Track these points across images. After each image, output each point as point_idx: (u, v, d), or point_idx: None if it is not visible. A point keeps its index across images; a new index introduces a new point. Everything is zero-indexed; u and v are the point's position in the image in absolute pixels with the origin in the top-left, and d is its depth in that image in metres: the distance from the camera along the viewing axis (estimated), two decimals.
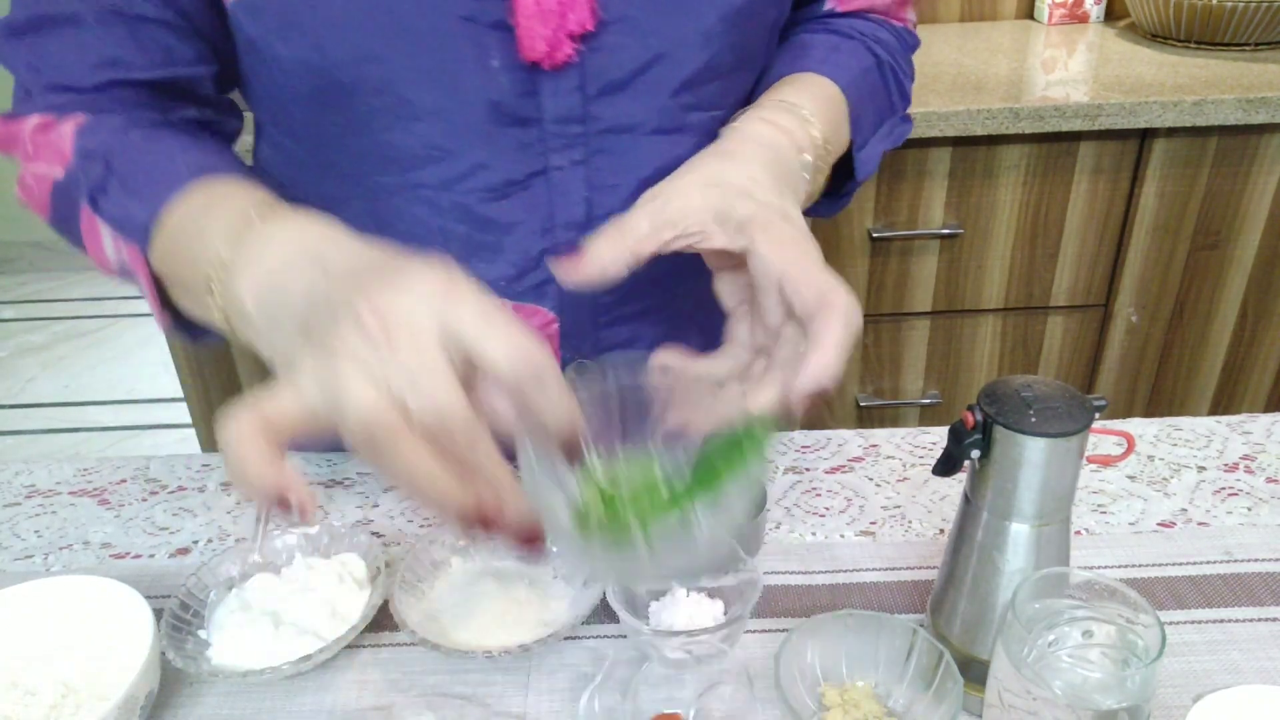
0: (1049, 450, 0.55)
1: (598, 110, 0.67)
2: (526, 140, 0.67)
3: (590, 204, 0.71)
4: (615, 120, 0.68)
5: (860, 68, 0.75)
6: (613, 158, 0.70)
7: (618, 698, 0.61)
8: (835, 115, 0.71)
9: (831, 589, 0.73)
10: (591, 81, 0.66)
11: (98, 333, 3.25)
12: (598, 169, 0.70)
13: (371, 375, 0.41)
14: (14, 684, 0.63)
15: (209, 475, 0.88)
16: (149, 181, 0.61)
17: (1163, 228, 1.63)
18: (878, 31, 0.80)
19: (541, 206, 0.70)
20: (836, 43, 0.76)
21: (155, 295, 0.63)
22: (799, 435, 0.90)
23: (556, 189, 0.70)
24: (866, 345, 1.75)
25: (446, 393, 0.42)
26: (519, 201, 0.70)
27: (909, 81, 0.82)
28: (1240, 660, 0.66)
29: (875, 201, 1.61)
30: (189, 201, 0.59)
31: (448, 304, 0.43)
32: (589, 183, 0.70)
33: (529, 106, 0.66)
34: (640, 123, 0.69)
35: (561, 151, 0.68)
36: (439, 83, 0.64)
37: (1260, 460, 0.85)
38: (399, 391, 0.41)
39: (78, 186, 0.64)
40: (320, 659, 0.65)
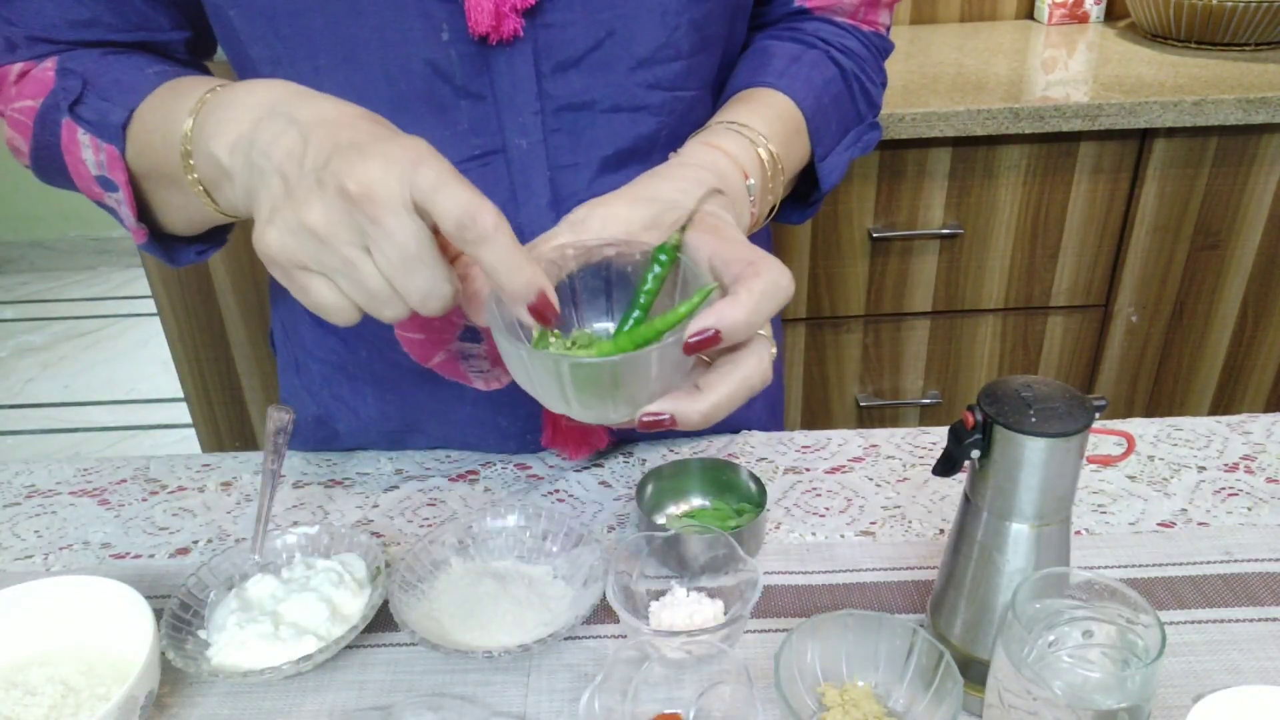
0: (1049, 450, 0.55)
1: (553, 87, 0.68)
2: (482, 116, 0.68)
3: (555, 183, 0.71)
4: (571, 97, 0.68)
5: (822, 79, 0.75)
6: (572, 136, 0.70)
7: (618, 698, 0.61)
8: (789, 131, 0.71)
9: (831, 589, 0.73)
10: (544, 58, 0.67)
11: (97, 333, 3.25)
12: (557, 147, 0.70)
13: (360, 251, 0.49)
14: (14, 684, 0.63)
15: (209, 475, 0.88)
16: (122, 87, 0.66)
17: (1163, 228, 1.63)
18: (844, 39, 0.79)
19: (503, 184, 0.71)
20: (798, 52, 0.76)
21: (133, 202, 0.68)
22: (799, 435, 0.90)
23: (516, 167, 0.70)
24: (866, 345, 1.75)
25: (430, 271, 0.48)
26: (477, 178, 0.70)
27: (878, 89, 0.81)
28: (1240, 660, 0.66)
29: (875, 201, 1.61)
30: (158, 94, 0.64)
31: (414, 170, 0.48)
32: (550, 161, 0.70)
33: (482, 82, 0.67)
34: (597, 99, 0.69)
35: (518, 129, 0.69)
36: (389, 50, 0.65)
37: (1260, 460, 0.85)
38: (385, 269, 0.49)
39: (58, 105, 0.68)
40: (320, 659, 0.65)
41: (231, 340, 1.85)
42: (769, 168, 0.67)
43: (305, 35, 0.65)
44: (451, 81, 0.67)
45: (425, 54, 0.65)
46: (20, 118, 0.71)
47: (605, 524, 0.81)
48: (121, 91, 0.66)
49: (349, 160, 0.48)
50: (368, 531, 0.77)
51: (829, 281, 1.68)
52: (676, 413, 0.53)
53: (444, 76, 0.66)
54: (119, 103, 0.65)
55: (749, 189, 0.65)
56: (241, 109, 0.55)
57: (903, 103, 1.50)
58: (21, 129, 0.72)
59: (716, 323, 0.51)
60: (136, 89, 0.66)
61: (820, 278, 1.68)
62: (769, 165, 0.67)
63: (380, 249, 0.48)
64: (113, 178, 0.67)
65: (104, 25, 0.70)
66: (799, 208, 0.81)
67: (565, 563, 0.74)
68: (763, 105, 0.71)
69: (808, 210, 0.81)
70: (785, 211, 0.81)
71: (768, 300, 0.52)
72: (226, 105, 0.56)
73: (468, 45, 0.66)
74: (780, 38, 0.78)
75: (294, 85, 0.56)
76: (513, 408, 0.83)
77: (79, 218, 3.56)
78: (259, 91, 0.55)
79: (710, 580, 0.70)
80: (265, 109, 0.53)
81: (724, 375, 0.53)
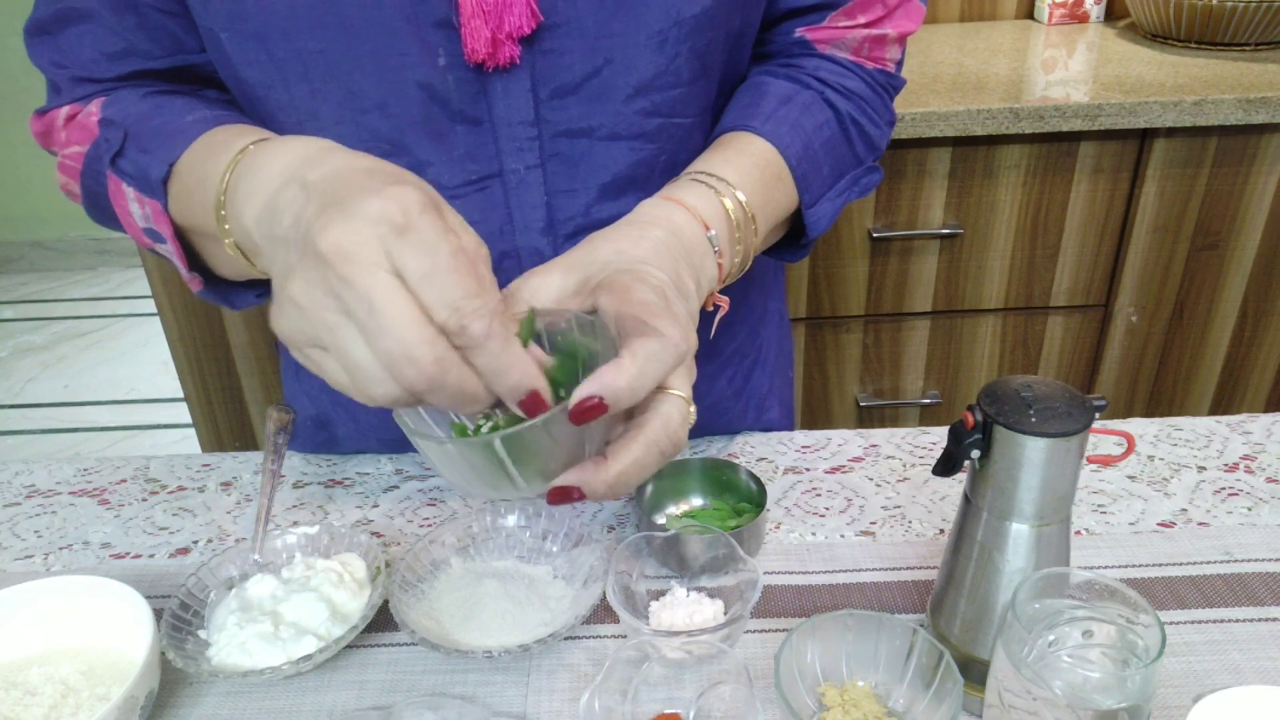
0: (1049, 450, 0.55)
1: (550, 114, 0.68)
2: (479, 140, 0.68)
3: (551, 208, 0.71)
4: (569, 124, 0.68)
5: (813, 124, 0.73)
6: (569, 162, 0.70)
7: (618, 698, 0.61)
8: (767, 179, 0.69)
9: (831, 589, 0.73)
10: (542, 84, 0.66)
11: (97, 333, 3.25)
12: (554, 173, 0.70)
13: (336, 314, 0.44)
14: (14, 684, 0.63)
15: (209, 475, 0.88)
16: (162, 138, 0.65)
17: (1163, 228, 1.63)
18: (844, 79, 0.76)
19: (499, 209, 0.71)
20: (790, 93, 0.73)
21: (182, 254, 0.66)
22: (799, 435, 0.90)
23: (513, 192, 0.70)
24: (867, 345, 1.75)
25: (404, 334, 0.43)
26: (474, 202, 0.70)
27: (881, 129, 0.78)
28: (1240, 660, 0.66)
29: (875, 201, 1.61)
30: (196, 149, 0.62)
31: (399, 240, 0.44)
32: (547, 187, 0.70)
33: (479, 107, 0.67)
34: (595, 127, 0.69)
35: (515, 155, 0.69)
36: (385, 76, 0.65)
37: (1260, 460, 0.85)
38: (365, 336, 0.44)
39: (100, 157, 0.68)
40: (320, 659, 0.65)
41: (231, 340, 1.85)
42: (734, 217, 0.64)
43: (299, 58, 0.64)
44: (448, 107, 0.66)
45: (421, 79, 0.65)
46: (70, 163, 0.72)
47: (605, 524, 0.81)
48: (161, 143, 0.65)
49: (328, 219, 0.44)
50: (368, 531, 0.77)
51: (829, 281, 1.68)
52: (582, 484, 0.50)
53: (440, 102, 0.66)
54: (159, 156, 0.64)
55: (710, 240, 0.62)
56: (266, 176, 0.51)
57: (903, 103, 1.50)
58: (71, 174, 0.72)
59: (599, 389, 0.48)
60: (176, 140, 0.64)
61: (820, 278, 1.68)
62: (735, 214, 0.65)
63: (355, 313, 0.44)
64: (159, 230, 0.66)
65: (140, 54, 0.70)
66: (791, 249, 0.78)
67: (565, 563, 0.74)
68: (738, 153, 0.69)
69: (800, 252, 0.78)
70: (777, 252, 0.79)
71: (654, 363, 0.49)
72: (254, 171, 0.53)
73: (464, 71, 0.65)
74: (775, 75, 0.75)
75: (319, 142, 0.52)
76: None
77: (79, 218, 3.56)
78: (284, 154, 0.52)
79: (710, 580, 0.70)
80: (286, 174, 0.50)
81: (628, 441, 0.50)
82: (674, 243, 0.59)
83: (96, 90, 0.71)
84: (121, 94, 0.70)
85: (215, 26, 0.65)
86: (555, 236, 0.72)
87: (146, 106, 0.69)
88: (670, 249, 0.58)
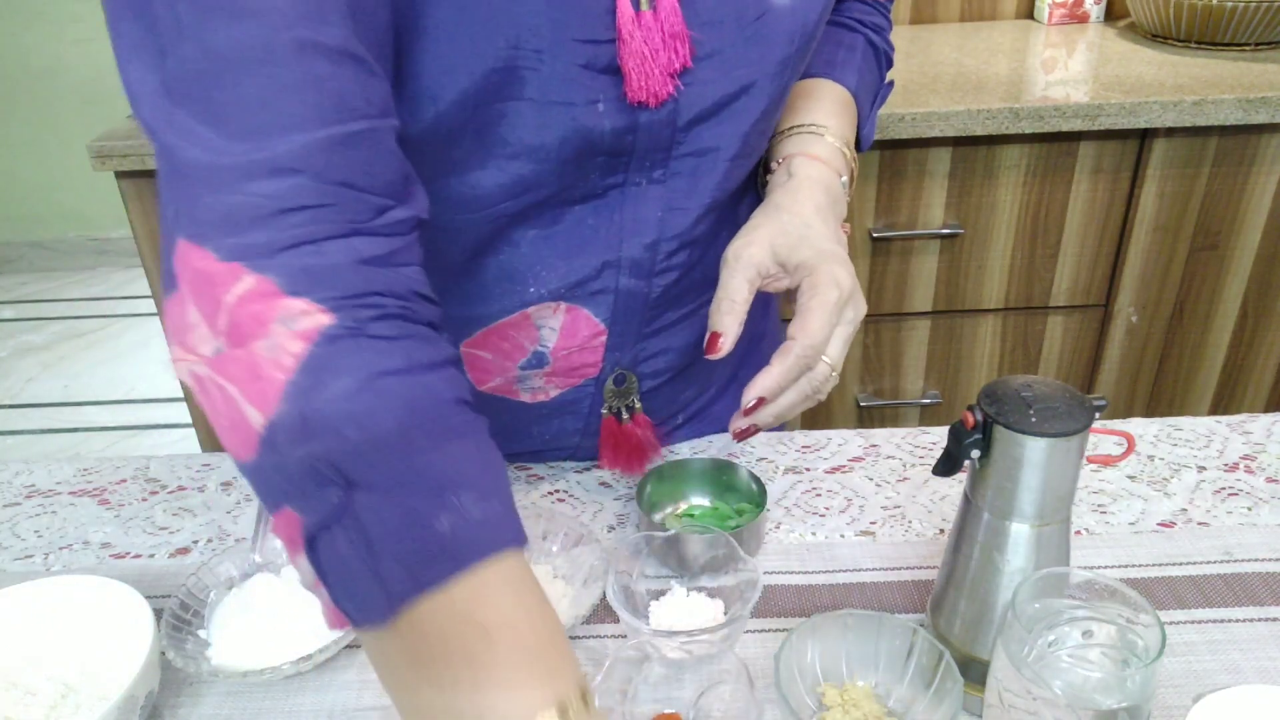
0: (1049, 450, 0.55)
1: (684, 138, 0.68)
2: (614, 165, 0.68)
3: (663, 223, 0.72)
4: (698, 146, 0.69)
5: (864, 61, 0.82)
6: (690, 180, 0.71)
7: (618, 698, 0.61)
8: (850, 120, 0.79)
9: (831, 589, 0.73)
10: (683, 114, 0.67)
11: (97, 333, 3.25)
12: (674, 190, 0.71)
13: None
14: (14, 684, 0.63)
15: (209, 475, 0.88)
16: (403, 558, 0.43)
17: (1163, 228, 1.63)
18: (874, 18, 0.85)
19: (614, 219, 0.70)
20: (840, 36, 0.82)
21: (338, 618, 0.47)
22: (799, 435, 0.90)
23: (630, 205, 0.70)
24: (867, 345, 1.75)
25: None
26: (591, 208, 0.70)
27: (893, 51, 0.88)
28: (1240, 660, 0.66)
29: (875, 201, 1.61)
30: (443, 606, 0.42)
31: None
32: (665, 203, 0.71)
33: (625, 142, 0.66)
34: (721, 148, 0.70)
35: (642, 171, 0.69)
36: (544, 124, 0.62)
37: (1260, 460, 0.85)
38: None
39: (284, 501, 0.46)
40: (320, 659, 0.65)
41: None
42: (848, 158, 0.76)
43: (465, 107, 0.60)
44: (598, 147, 0.65)
45: (579, 127, 0.63)
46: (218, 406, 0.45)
47: (605, 524, 0.81)
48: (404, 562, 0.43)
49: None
50: None
51: None
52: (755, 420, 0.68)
53: (593, 143, 0.65)
54: (395, 588, 0.42)
55: (844, 185, 0.75)
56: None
57: (903, 103, 1.50)
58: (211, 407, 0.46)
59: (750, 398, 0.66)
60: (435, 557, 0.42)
61: None
62: (848, 156, 0.76)
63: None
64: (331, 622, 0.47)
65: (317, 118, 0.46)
66: None
67: (565, 563, 0.74)
68: (828, 100, 0.78)
69: None
70: None
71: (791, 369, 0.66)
72: None
73: (621, 114, 0.64)
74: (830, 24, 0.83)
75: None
76: (551, 419, 0.82)
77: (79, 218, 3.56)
78: None
79: (710, 580, 0.70)
80: None
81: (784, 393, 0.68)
82: (827, 202, 0.72)
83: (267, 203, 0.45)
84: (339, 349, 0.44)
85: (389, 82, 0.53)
86: (658, 252, 0.73)
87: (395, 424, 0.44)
88: (829, 210, 0.72)
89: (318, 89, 0.46)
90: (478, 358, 0.76)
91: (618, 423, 0.81)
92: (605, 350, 0.76)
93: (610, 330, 0.75)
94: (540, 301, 0.73)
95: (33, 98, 3.25)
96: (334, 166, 0.46)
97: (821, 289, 0.67)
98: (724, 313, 0.67)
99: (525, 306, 0.73)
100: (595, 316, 0.74)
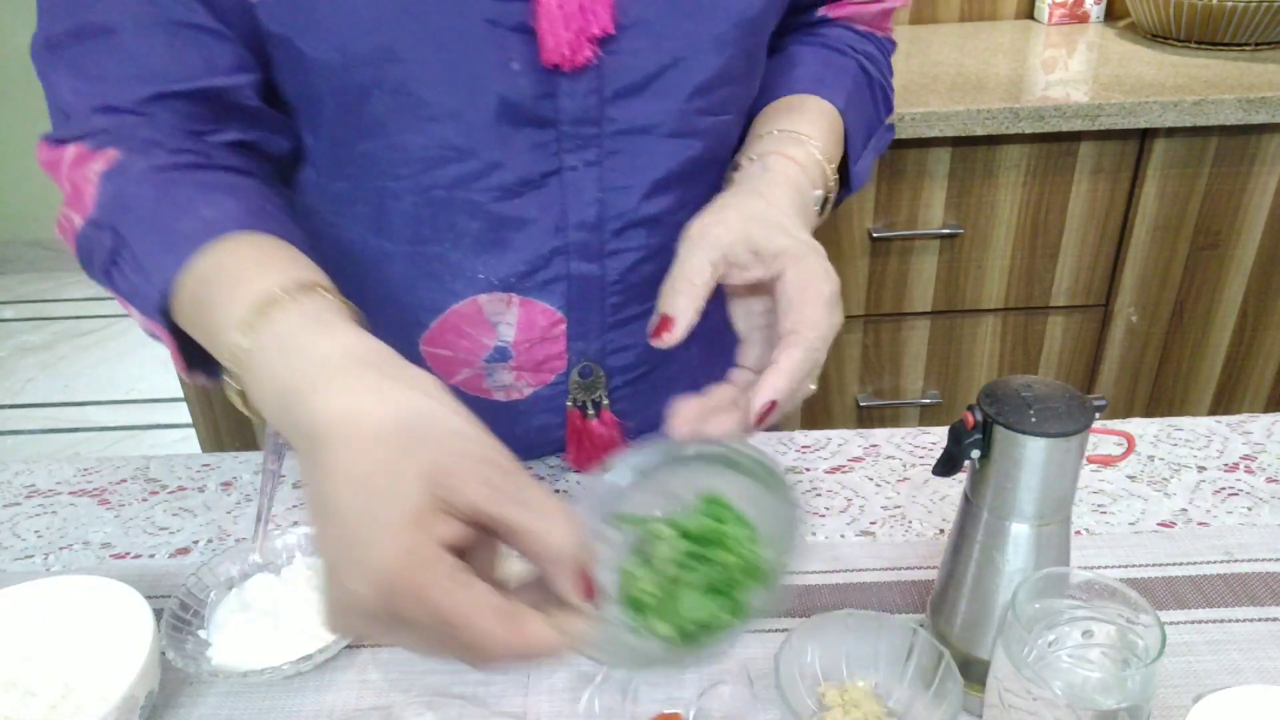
0: (1049, 450, 0.55)
1: (613, 112, 0.68)
2: (542, 140, 0.68)
3: (603, 204, 0.71)
4: (630, 122, 0.69)
5: (854, 85, 0.78)
6: (626, 159, 0.70)
7: (618, 698, 0.61)
8: (836, 140, 0.74)
9: (831, 589, 0.73)
10: (609, 84, 0.66)
11: (98, 333, 3.25)
12: (611, 170, 0.70)
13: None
14: (14, 684, 0.63)
15: (209, 475, 0.88)
16: (159, 250, 0.57)
17: (1163, 228, 1.63)
18: (868, 47, 0.81)
19: (554, 205, 0.71)
20: (828, 58, 0.78)
21: (181, 361, 0.60)
22: (799, 435, 0.90)
23: (570, 188, 0.70)
24: (866, 345, 1.75)
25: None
26: (532, 200, 0.70)
27: (891, 91, 0.84)
28: (1240, 660, 0.66)
29: (875, 201, 1.61)
30: (196, 273, 0.55)
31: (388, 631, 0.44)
32: (602, 183, 0.71)
33: (546, 108, 0.66)
34: (655, 125, 0.69)
35: (576, 152, 0.69)
36: (458, 84, 0.64)
37: (1260, 460, 0.85)
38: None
39: (91, 261, 0.62)
40: (320, 659, 0.65)
41: None
42: (828, 178, 0.71)
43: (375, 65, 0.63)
44: (519, 111, 0.66)
45: (494, 86, 0.64)
46: (65, 224, 0.65)
47: None
48: (160, 255, 0.57)
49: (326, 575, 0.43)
50: None
51: None
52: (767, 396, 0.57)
53: (512, 107, 0.65)
54: (155, 279, 0.56)
55: (816, 199, 0.69)
56: (264, 403, 0.50)
57: (903, 103, 1.50)
58: (67, 236, 0.65)
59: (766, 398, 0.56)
60: (173, 253, 0.56)
61: None
62: (828, 176, 0.71)
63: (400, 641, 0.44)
64: (156, 334, 0.60)
65: (166, 75, 0.63)
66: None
67: None
68: (815, 113, 0.73)
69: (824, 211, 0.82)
70: None
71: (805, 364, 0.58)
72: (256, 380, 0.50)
73: (537, 75, 0.65)
74: (812, 44, 0.80)
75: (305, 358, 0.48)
76: (529, 417, 0.82)
77: None
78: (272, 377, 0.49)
79: None
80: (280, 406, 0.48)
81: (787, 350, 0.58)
82: (798, 200, 0.66)
83: (111, 124, 0.62)
84: (124, 165, 0.61)
85: (290, 34, 0.63)
86: (604, 232, 0.72)
87: (146, 195, 0.60)
88: (797, 208, 0.65)
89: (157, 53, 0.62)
90: (438, 356, 0.77)
91: (583, 417, 0.81)
92: (568, 340, 0.76)
93: (569, 319, 0.75)
94: (491, 290, 0.73)
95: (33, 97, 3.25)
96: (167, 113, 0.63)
97: (817, 277, 0.59)
98: (678, 293, 0.59)
99: (475, 293, 0.73)
100: (551, 306, 0.74)
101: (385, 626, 0.43)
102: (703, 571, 0.51)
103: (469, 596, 0.42)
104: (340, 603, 0.43)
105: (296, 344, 0.49)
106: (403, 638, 0.44)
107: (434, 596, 0.41)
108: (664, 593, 0.51)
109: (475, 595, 0.42)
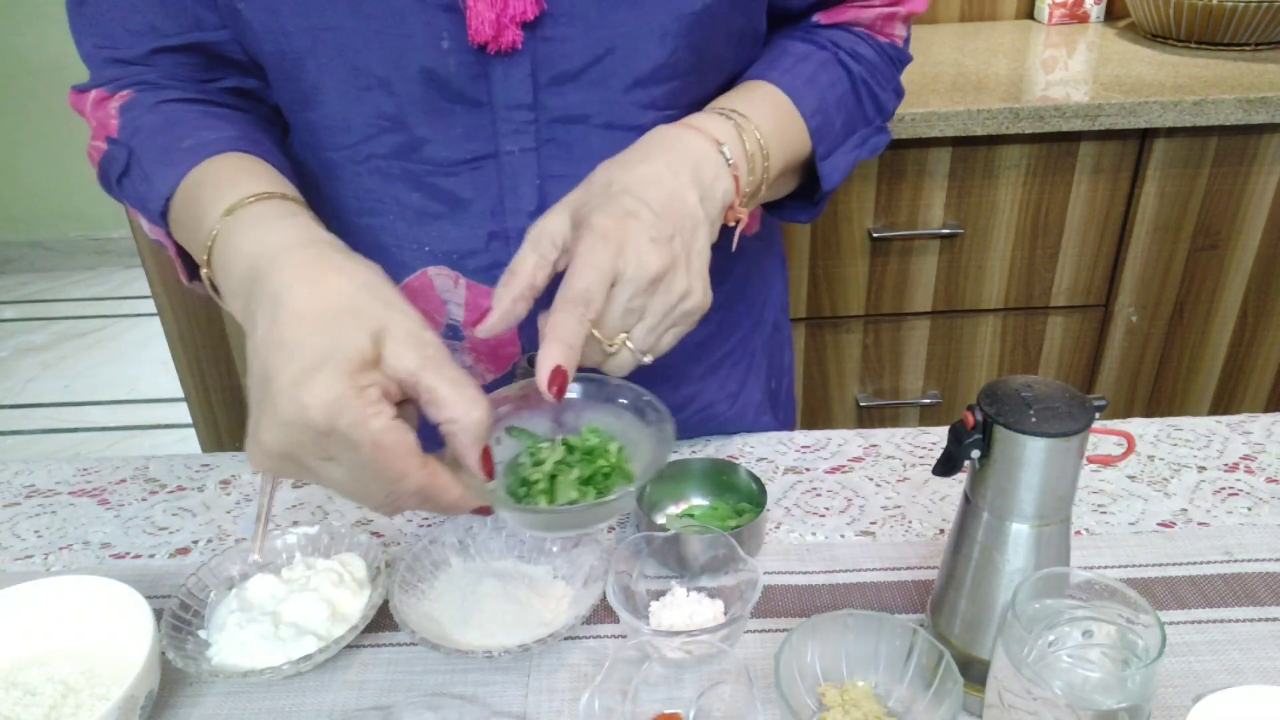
0: (1049, 450, 0.55)
1: (548, 99, 0.69)
2: (477, 122, 0.69)
3: (543, 192, 0.72)
4: (566, 110, 0.70)
5: (828, 80, 0.76)
6: (564, 148, 0.71)
7: (618, 698, 0.61)
8: (781, 119, 0.72)
9: (831, 589, 0.73)
10: (542, 70, 0.68)
11: (98, 333, 3.25)
12: (549, 157, 0.71)
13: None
14: (14, 684, 0.63)
15: (209, 475, 0.88)
16: (162, 165, 0.67)
17: (1163, 228, 1.63)
18: (856, 45, 0.80)
19: (492, 188, 0.72)
20: (807, 53, 0.77)
21: (183, 267, 0.71)
22: (799, 435, 0.90)
23: (507, 173, 0.72)
24: (866, 345, 1.75)
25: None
26: (469, 180, 0.72)
27: (890, 95, 0.82)
28: (1240, 660, 0.66)
29: (875, 201, 1.61)
30: (190, 186, 0.65)
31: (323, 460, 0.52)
32: (540, 171, 0.72)
33: (479, 89, 0.68)
34: (591, 114, 0.70)
35: (512, 137, 0.70)
36: (389, 55, 0.66)
37: (1260, 460, 0.85)
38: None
39: (109, 175, 0.72)
40: (320, 659, 0.65)
41: (231, 340, 1.85)
42: (748, 142, 0.67)
43: (309, 34, 0.66)
44: (449, 88, 0.68)
45: (424, 60, 0.66)
46: (94, 153, 0.74)
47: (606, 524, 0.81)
48: (163, 168, 0.67)
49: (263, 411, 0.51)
50: (368, 531, 0.77)
51: (829, 281, 1.68)
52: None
53: (441, 83, 0.67)
54: (158, 186, 0.67)
55: (723, 153, 0.65)
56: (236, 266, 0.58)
57: (903, 103, 1.49)
58: (93, 160, 0.75)
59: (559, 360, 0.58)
60: (174, 166, 0.66)
61: (820, 278, 1.67)
62: (748, 140, 0.67)
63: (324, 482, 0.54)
64: (161, 241, 0.71)
65: (162, 30, 0.71)
66: (805, 207, 0.81)
67: (565, 563, 0.74)
68: (752, 93, 0.73)
69: (814, 209, 0.81)
70: (792, 211, 0.82)
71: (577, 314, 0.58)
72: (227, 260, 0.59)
73: (467, 54, 0.66)
74: (793, 38, 0.80)
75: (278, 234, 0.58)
76: None
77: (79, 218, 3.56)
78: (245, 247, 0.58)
79: (710, 580, 0.70)
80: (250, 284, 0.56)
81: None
82: (677, 162, 0.62)
83: (124, 73, 0.72)
84: (139, 99, 0.72)
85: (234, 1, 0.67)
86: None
87: (155, 120, 0.70)
88: (672, 168, 0.62)
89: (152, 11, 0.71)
90: None
91: None
92: (519, 328, 0.75)
93: None
94: (436, 264, 0.75)
95: (33, 97, 3.25)
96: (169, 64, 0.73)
97: (585, 237, 0.58)
98: (500, 284, 0.60)
99: (424, 265, 0.76)
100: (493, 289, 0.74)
101: (312, 452, 0.51)
102: (578, 468, 0.62)
103: (401, 436, 0.51)
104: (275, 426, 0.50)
105: (269, 224, 0.58)
106: (324, 468, 0.52)
107: (374, 425, 0.50)
108: (546, 480, 0.61)
109: (406, 437, 0.51)
